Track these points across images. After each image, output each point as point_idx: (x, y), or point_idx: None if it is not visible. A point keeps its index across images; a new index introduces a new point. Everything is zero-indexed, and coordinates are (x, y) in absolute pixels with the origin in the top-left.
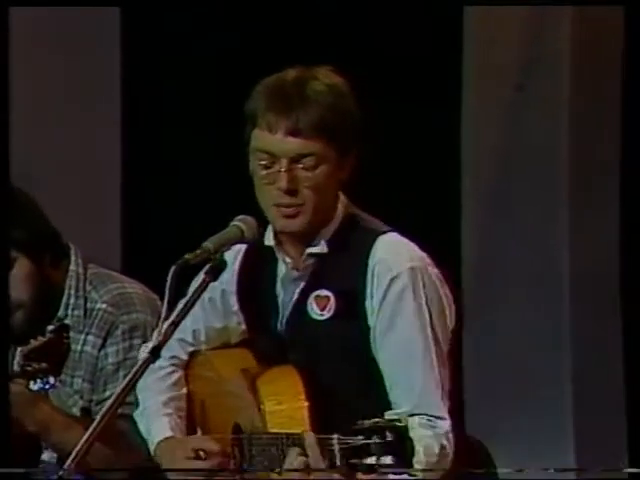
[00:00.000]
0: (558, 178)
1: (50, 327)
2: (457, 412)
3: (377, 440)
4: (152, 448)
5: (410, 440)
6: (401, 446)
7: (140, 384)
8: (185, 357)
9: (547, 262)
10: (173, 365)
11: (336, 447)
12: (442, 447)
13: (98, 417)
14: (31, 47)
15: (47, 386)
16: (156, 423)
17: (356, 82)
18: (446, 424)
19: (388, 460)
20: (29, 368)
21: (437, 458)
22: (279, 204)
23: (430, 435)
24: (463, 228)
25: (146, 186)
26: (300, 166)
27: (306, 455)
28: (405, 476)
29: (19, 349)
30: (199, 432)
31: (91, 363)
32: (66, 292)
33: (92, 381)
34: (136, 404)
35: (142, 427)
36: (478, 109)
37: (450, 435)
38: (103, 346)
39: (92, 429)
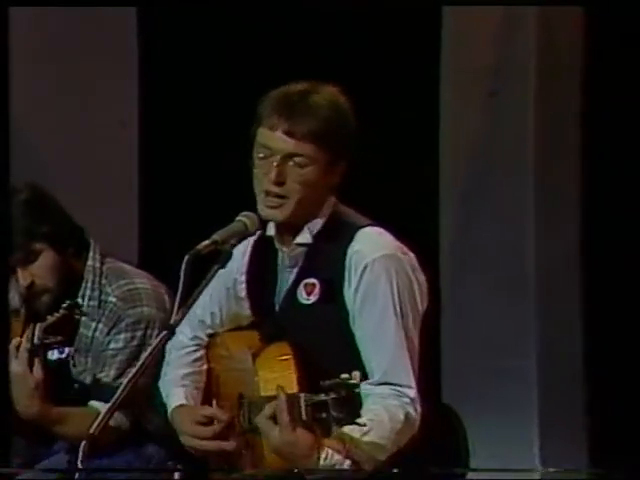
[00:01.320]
0: (525, 176)
1: (63, 305)
2: (434, 383)
3: (333, 396)
4: (169, 412)
5: (359, 395)
6: (352, 400)
7: (166, 359)
8: (205, 337)
9: (515, 251)
10: (195, 345)
11: (303, 403)
12: (407, 415)
13: (120, 389)
14: (52, 42)
15: (63, 355)
16: (173, 392)
17: (342, 86)
18: (412, 392)
19: (341, 414)
20: (47, 341)
21: (402, 425)
22: (267, 191)
23: (396, 405)
24: (441, 222)
25: (161, 185)
26: (291, 163)
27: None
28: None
29: (38, 324)
30: (214, 402)
31: (97, 348)
32: (83, 285)
33: (97, 361)
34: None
35: (163, 395)
36: (454, 111)
37: (417, 404)
38: (108, 334)
39: (115, 398)
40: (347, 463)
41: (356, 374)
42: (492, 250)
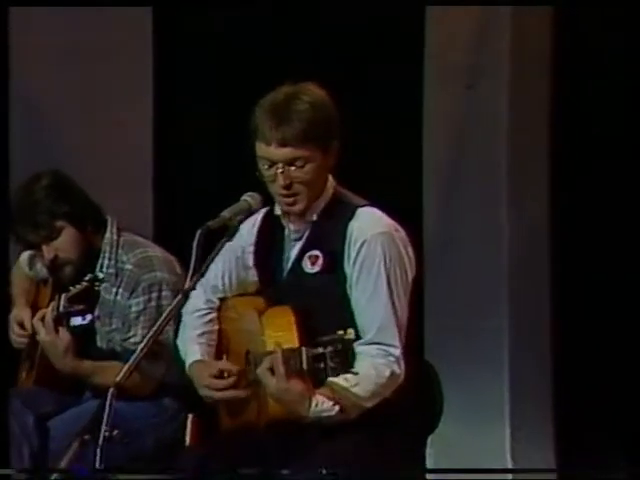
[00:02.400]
0: (499, 160)
1: (86, 278)
2: (417, 340)
3: (330, 349)
4: (187, 367)
5: (352, 349)
6: (346, 353)
7: (182, 321)
8: (217, 301)
9: (491, 228)
10: (208, 308)
11: (304, 356)
12: (392, 372)
13: (140, 345)
14: (76, 36)
15: (85, 322)
16: (190, 349)
17: (331, 84)
18: (397, 351)
19: (336, 364)
20: (71, 309)
21: (386, 380)
22: (280, 194)
23: (383, 363)
24: (425, 202)
25: (175, 167)
26: (293, 167)
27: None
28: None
29: (63, 295)
30: (224, 357)
31: (121, 311)
32: (102, 255)
33: (123, 323)
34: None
35: (181, 352)
36: (436, 102)
37: (401, 361)
38: (129, 298)
39: (136, 355)
40: (336, 409)
41: (350, 331)
42: (470, 226)
